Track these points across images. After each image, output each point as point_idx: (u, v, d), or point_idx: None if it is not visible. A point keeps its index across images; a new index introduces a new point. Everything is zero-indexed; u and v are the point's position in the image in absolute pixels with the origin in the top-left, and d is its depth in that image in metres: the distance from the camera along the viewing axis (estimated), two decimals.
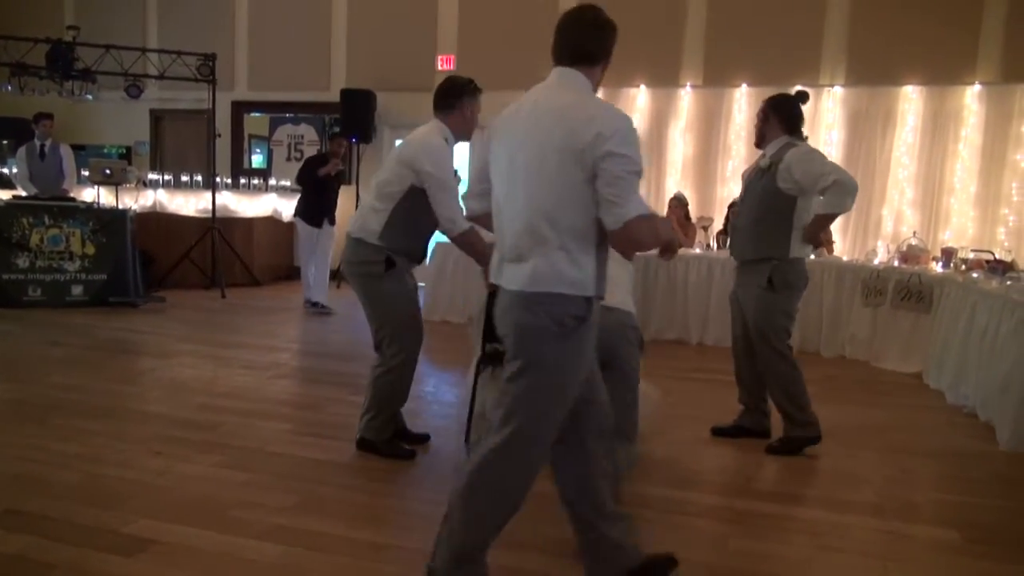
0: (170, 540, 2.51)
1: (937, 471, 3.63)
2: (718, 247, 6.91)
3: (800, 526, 2.89)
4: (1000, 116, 7.53)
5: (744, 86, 8.24)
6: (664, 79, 8.53)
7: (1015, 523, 2.98)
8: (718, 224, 7.49)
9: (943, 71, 7.62)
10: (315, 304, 7.42)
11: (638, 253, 2.39)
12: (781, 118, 3.68)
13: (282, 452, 3.43)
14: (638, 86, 8.58)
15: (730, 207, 7.08)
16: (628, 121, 2.02)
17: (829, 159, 3.68)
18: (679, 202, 7.59)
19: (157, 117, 10.57)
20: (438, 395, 4.53)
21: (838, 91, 8.01)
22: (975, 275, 5.15)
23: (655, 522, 2.79)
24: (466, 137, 3.36)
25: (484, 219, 2.38)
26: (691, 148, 8.54)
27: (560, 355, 2.04)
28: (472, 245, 3.24)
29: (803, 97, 3.83)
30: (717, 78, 8.38)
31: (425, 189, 3.17)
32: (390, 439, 3.44)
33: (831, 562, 2.59)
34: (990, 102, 7.56)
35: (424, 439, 3.62)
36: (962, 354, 4.71)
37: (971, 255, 5.90)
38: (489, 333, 3.73)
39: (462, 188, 2.72)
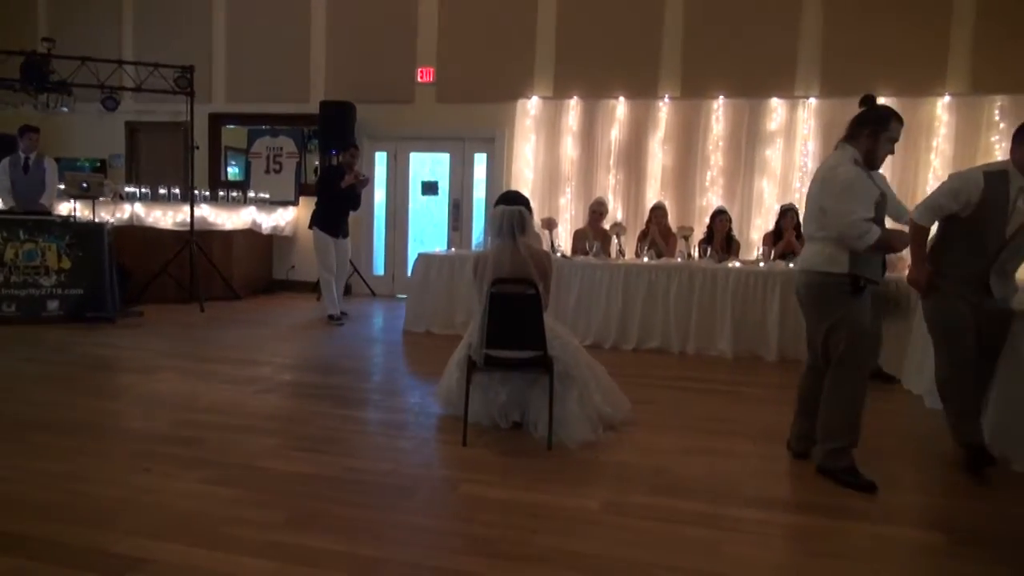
0: (162, 558, 2.48)
1: (920, 475, 3.69)
2: (699, 256, 6.97)
3: (789, 532, 2.93)
4: (969, 126, 7.72)
5: (721, 98, 8.36)
6: (642, 91, 8.62)
7: (999, 525, 3.03)
8: (699, 233, 7.57)
9: (914, 82, 7.80)
10: (331, 317, 7.43)
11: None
12: None
13: (269, 467, 3.39)
14: (616, 97, 8.66)
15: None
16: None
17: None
18: (663, 211, 7.68)
19: (133, 129, 10.46)
20: (424, 407, 4.52)
21: (812, 102, 8.16)
22: None
23: (645, 530, 2.81)
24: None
25: None
26: (670, 159, 8.63)
27: None
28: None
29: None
30: (694, 90, 8.49)
31: None
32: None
33: (821, 567, 2.63)
34: (960, 113, 7.76)
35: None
36: None
37: None
38: (491, 339, 3.74)
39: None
